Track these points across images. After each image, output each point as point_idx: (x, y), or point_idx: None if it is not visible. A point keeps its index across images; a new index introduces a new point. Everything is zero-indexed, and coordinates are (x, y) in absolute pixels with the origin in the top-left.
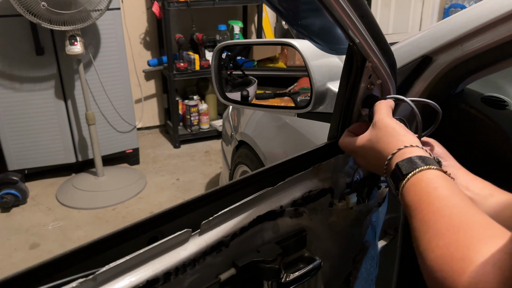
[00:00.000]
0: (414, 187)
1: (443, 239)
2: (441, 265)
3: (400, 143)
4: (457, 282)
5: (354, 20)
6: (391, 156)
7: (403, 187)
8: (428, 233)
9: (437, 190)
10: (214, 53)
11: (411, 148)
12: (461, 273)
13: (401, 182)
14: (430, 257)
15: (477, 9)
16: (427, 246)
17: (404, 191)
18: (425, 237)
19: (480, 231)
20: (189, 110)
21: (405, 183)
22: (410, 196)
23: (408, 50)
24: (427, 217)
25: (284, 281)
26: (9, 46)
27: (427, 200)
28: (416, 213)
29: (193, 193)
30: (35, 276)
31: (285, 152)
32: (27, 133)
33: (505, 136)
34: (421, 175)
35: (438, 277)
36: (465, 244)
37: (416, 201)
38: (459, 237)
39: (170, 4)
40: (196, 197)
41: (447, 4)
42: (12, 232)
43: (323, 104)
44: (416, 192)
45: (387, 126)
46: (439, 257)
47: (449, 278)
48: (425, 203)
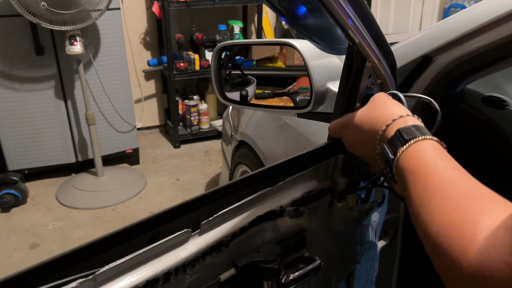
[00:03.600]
0: (417, 153)
1: (452, 204)
2: (448, 230)
3: (401, 111)
4: (467, 248)
5: (354, 20)
6: (390, 122)
7: (403, 152)
8: (435, 198)
9: (442, 159)
10: (214, 53)
11: (412, 118)
12: (471, 239)
13: (401, 148)
14: (437, 222)
15: (477, 9)
16: (433, 211)
17: (404, 157)
18: (431, 202)
19: (491, 199)
20: (189, 110)
21: (407, 148)
22: (412, 162)
23: (408, 50)
24: (432, 183)
25: (284, 281)
26: (9, 46)
27: (432, 166)
28: (419, 179)
29: (193, 193)
30: (35, 276)
31: (285, 152)
32: (27, 133)
33: (505, 136)
34: (425, 143)
35: (444, 242)
36: (477, 209)
37: (419, 167)
38: (470, 202)
39: (170, 4)
40: (196, 197)
41: (447, 4)
42: (12, 232)
43: (323, 104)
44: (419, 158)
45: (386, 98)
46: (447, 222)
47: (458, 244)
48: (430, 169)
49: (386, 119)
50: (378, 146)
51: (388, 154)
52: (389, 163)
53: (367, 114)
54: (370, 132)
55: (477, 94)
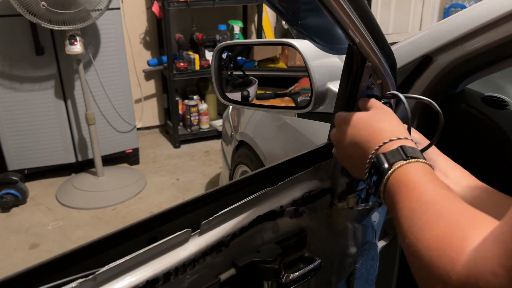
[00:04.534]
0: (416, 169)
1: (444, 219)
2: (438, 244)
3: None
4: (455, 260)
5: (354, 20)
6: (395, 139)
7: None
8: (427, 213)
9: (438, 180)
10: (214, 53)
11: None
12: (460, 251)
13: (401, 161)
14: (427, 236)
15: (477, 9)
16: (424, 226)
17: (402, 170)
18: (423, 217)
19: (481, 215)
20: (189, 110)
21: (406, 163)
22: (409, 176)
23: (408, 50)
24: (426, 198)
25: (284, 281)
26: (9, 46)
27: (429, 183)
28: (413, 193)
29: (193, 193)
30: (35, 276)
31: (285, 152)
32: (27, 133)
33: (505, 136)
34: (424, 165)
35: (434, 256)
36: (467, 224)
37: (415, 182)
38: (460, 218)
39: (170, 4)
40: (196, 197)
41: (447, 4)
42: (12, 232)
43: (323, 104)
44: (417, 174)
45: (394, 115)
46: (437, 236)
47: (447, 257)
48: (425, 186)
49: (391, 134)
50: (374, 155)
51: (383, 163)
52: (379, 174)
53: (373, 122)
54: (370, 139)
55: (477, 94)
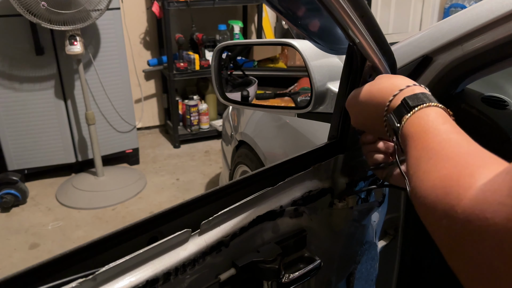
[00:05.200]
0: (420, 119)
1: (451, 161)
2: (445, 182)
3: (408, 81)
4: (462, 195)
5: (354, 20)
6: (397, 92)
7: (408, 119)
8: (433, 158)
9: (445, 124)
10: (214, 53)
11: (419, 87)
12: (467, 187)
13: (406, 115)
14: (433, 177)
15: (477, 9)
16: (430, 168)
17: (408, 123)
18: (429, 162)
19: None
20: (189, 110)
21: (411, 115)
22: (414, 127)
23: (408, 50)
24: (432, 145)
25: (284, 281)
26: (9, 46)
27: (434, 130)
28: (419, 142)
29: (193, 193)
30: (35, 276)
31: (285, 152)
32: (27, 133)
33: (505, 136)
34: (430, 109)
35: (440, 194)
36: (475, 163)
37: (420, 131)
38: (468, 158)
39: (170, 4)
40: (196, 197)
41: (447, 4)
42: (12, 232)
43: (323, 104)
44: (421, 123)
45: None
46: (444, 176)
47: (454, 193)
48: (431, 133)
49: (392, 90)
50: (385, 117)
51: (394, 123)
52: (395, 133)
53: (372, 88)
54: (377, 105)
55: (477, 94)
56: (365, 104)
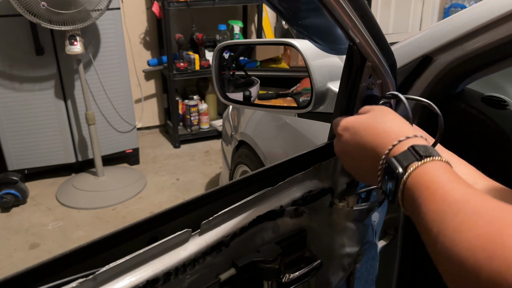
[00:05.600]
0: (434, 169)
1: (483, 217)
2: (485, 243)
3: (414, 131)
4: (511, 260)
5: (354, 20)
6: (404, 138)
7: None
8: (460, 213)
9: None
10: (215, 53)
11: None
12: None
13: (415, 163)
14: (468, 237)
15: (477, 9)
16: (460, 227)
17: (418, 172)
18: (455, 218)
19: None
20: (189, 110)
21: (422, 164)
22: (428, 177)
23: (408, 50)
24: (454, 198)
25: (284, 281)
26: (9, 46)
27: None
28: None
29: (193, 193)
30: (35, 276)
31: (285, 152)
32: (27, 133)
33: (505, 136)
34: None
35: (480, 258)
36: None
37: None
38: (504, 214)
39: (170, 4)
40: (196, 197)
41: (447, 4)
42: (12, 232)
43: (324, 104)
44: (437, 174)
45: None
46: (482, 235)
47: (499, 257)
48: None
49: (398, 135)
50: (384, 160)
51: (396, 168)
52: (394, 179)
53: (374, 124)
54: (376, 143)
55: (477, 94)
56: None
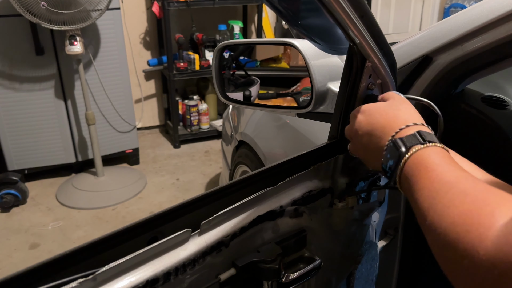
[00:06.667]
0: (434, 153)
1: (470, 196)
2: (466, 219)
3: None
4: (484, 236)
5: (354, 20)
6: (412, 124)
7: (420, 150)
8: (451, 192)
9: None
10: (215, 52)
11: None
12: (488, 227)
13: (419, 145)
14: (453, 213)
15: (477, 9)
16: (449, 203)
17: (418, 154)
18: (446, 195)
19: (508, 194)
20: (189, 110)
21: (425, 147)
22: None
23: (408, 50)
24: (448, 178)
25: (284, 281)
26: (9, 46)
27: (448, 165)
28: (434, 174)
29: (193, 193)
30: (35, 276)
31: (285, 152)
32: (27, 133)
33: (505, 136)
34: (442, 149)
35: (460, 231)
36: (494, 201)
37: (435, 163)
38: (487, 195)
39: (170, 4)
40: (196, 197)
41: (447, 4)
42: (12, 232)
43: (324, 104)
44: (436, 156)
45: (410, 104)
46: (464, 212)
47: (475, 232)
48: (446, 167)
49: (407, 120)
50: (391, 140)
51: (400, 147)
52: (396, 158)
53: (389, 110)
54: (386, 125)
55: (477, 94)
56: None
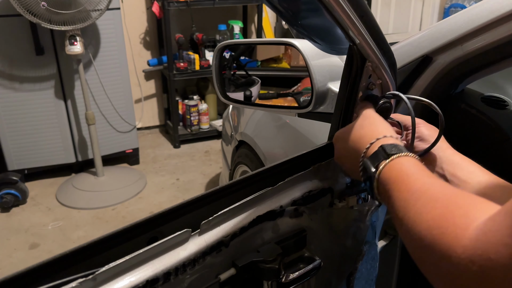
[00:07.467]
0: (400, 165)
1: (440, 201)
2: (439, 222)
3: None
4: (460, 235)
5: (354, 20)
6: (374, 141)
7: (386, 165)
8: (421, 199)
9: (424, 170)
10: (215, 52)
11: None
12: (464, 227)
13: (384, 161)
14: (426, 218)
15: (477, 9)
16: (420, 209)
17: (386, 169)
18: (417, 203)
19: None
20: (189, 110)
21: (389, 161)
22: (395, 172)
23: (408, 50)
24: (416, 187)
25: (284, 281)
26: (9, 46)
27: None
28: (402, 185)
29: (193, 193)
30: (35, 276)
31: (285, 152)
32: (27, 133)
33: (505, 136)
34: (407, 158)
35: (436, 234)
36: (466, 203)
37: (402, 175)
38: (457, 199)
39: (170, 4)
40: (196, 197)
41: (447, 4)
42: (12, 232)
43: (324, 104)
44: (402, 168)
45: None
46: (437, 216)
47: (450, 233)
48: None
49: (371, 138)
50: (361, 162)
51: (370, 168)
52: (370, 178)
53: (355, 131)
54: (355, 148)
55: (477, 94)
56: (346, 144)
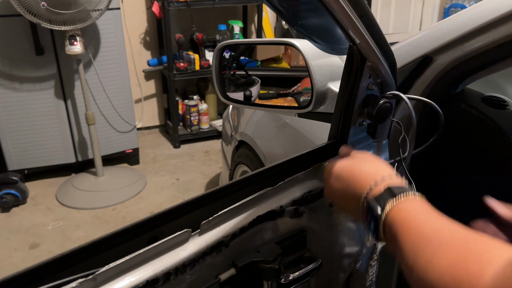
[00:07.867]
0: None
1: (451, 247)
2: (453, 270)
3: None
4: (475, 285)
5: (354, 20)
6: (380, 179)
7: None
8: (430, 245)
9: (433, 212)
10: (215, 52)
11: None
12: (479, 275)
13: (391, 202)
14: (438, 265)
15: (477, 9)
16: (431, 256)
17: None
18: (427, 248)
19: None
20: (189, 110)
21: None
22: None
23: (408, 50)
24: (426, 231)
25: (284, 281)
26: (9, 46)
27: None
28: (412, 229)
29: (193, 193)
30: (35, 276)
31: (285, 152)
32: (27, 133)
33: (505, 136)
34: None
35: (450, 284)
36: (478, 248)
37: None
38: (469, 244)
39: (170, 4)
40: (196, 197)
41: (447, 4)
42: (12, 232)
43: (324, 104)
44: (410, 211)
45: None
46: (450, 263)
47: (465, 283)
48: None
49: (375, 175)
50: (364, 201)
51: (376, 208)
52: (375, 219)
53: (354, 168)
54: (356, 186)
55: (477, 94)
56: (342, 181)
